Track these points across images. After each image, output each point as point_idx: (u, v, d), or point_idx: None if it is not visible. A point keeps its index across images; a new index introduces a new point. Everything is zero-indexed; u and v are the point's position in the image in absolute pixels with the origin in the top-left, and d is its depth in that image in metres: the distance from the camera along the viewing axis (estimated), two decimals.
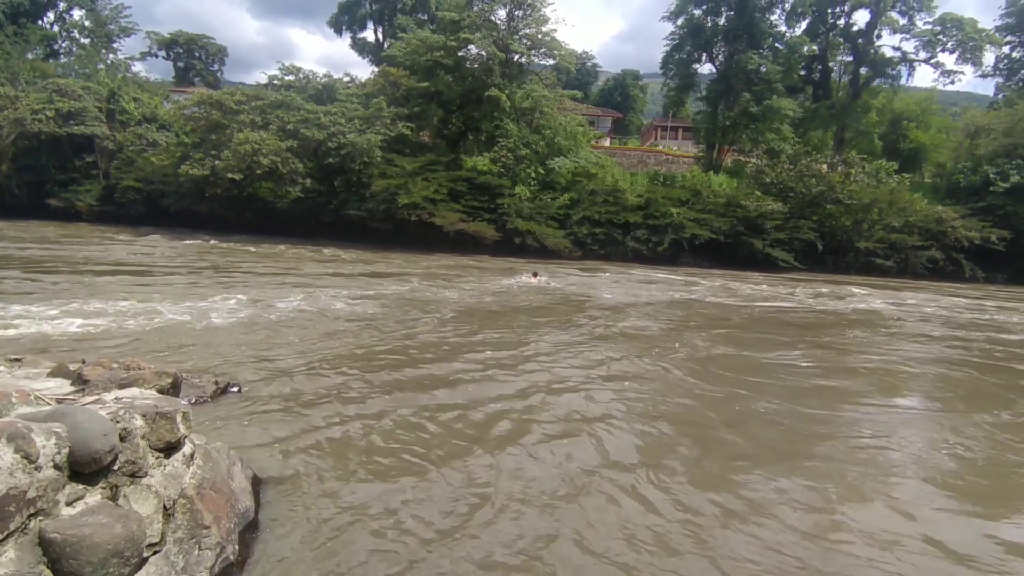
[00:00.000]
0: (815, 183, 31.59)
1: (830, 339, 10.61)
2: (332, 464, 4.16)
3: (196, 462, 3.24)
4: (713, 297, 16.20)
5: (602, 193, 31.02)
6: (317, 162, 29.39)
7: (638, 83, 77.72)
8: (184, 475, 3.09)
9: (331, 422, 4.91)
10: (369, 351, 7.31)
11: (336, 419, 4.99)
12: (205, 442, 3.52)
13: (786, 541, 3.50)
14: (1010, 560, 3.41)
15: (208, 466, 3.35)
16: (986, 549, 3.52)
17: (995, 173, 32.29)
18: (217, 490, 3.30)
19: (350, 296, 11.57)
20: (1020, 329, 13.36)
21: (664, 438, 5.15)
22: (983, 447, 5.09)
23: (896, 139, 47.67)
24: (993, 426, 5.84)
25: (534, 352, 7.98)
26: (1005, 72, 45.39)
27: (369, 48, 51.62)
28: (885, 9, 38.85)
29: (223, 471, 3.49)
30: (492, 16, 31.76)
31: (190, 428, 3.15)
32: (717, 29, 39.89)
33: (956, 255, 30.98)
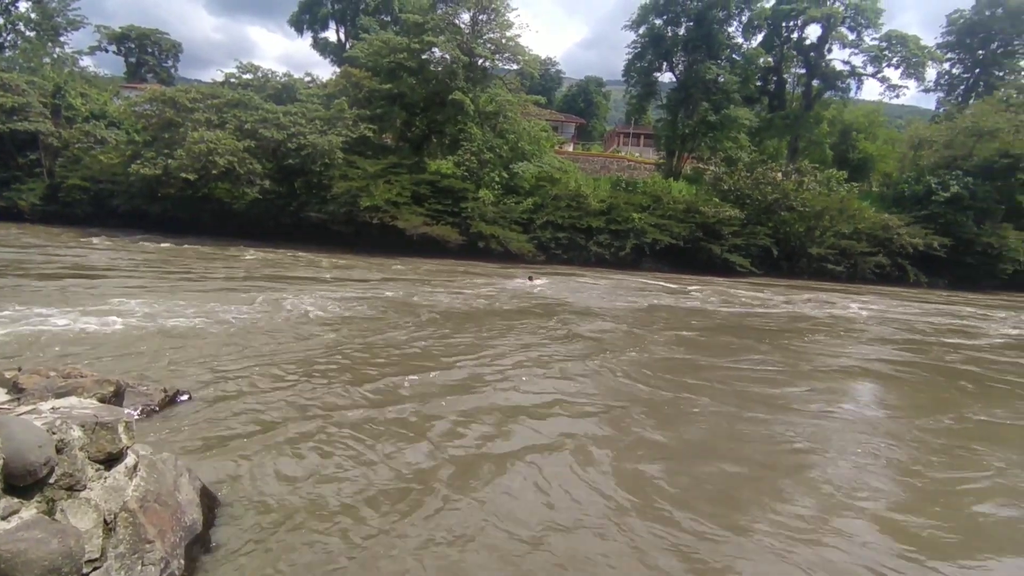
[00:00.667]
0: (770, 191, 32.61)
1: (790, 342, 10.94)
2: (285, 474, 4.05)
3: (140, 474, 3.11)
4: (704, 304, 16.52)
5: (565, 198, 31.29)
6: (276, 163, 28.74)
7: (601, 90, 78.86)
8: (126, 488, 2.97)
9: (284, 431, 4.79)
10: (324, 357, 7.16)
11: (289, 428, 4.87)
12: (151, 453, 3.39)
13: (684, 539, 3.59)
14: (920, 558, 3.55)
15: (153, 478, 3.23)
16: (894, 548, 3.66)
17: (937, 183, 33.95)
18: (162, 503, 3.18)
19: (307, 301, 11.34)
20: (976, 333, 14.04)
21: (597, 437, 5.20)
22: (916, 454, 5.26)
23: (846, 149, 49.73)
24: (930, 432, 6.08)
25: (493, 357, 7.97)
26: (946, 87, 47.92)
27: (331, 48, 50.82)
28: (835, 25, 40.47)
29: (169, 483, 3.36)
30: (456, 20, 31.73)
31: (133, 438, 3.03)
32: (677, 39, 40.84)
33: (901, 261, 32.46)
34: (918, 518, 4.01)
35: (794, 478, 4.60)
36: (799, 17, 40.79)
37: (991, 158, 33.40)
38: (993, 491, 4.55)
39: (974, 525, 3.99)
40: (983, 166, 33.67)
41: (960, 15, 45.56)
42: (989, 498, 4.41)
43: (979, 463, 5.10)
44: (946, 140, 35.89)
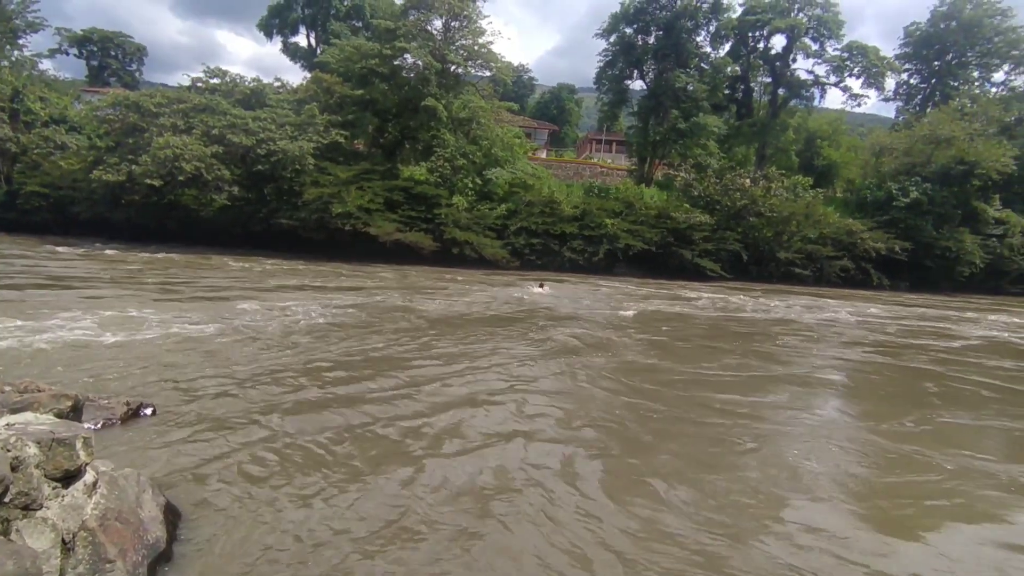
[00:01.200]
0: (739, 197, 33.29)
1: (762, 345, 11.15)
2: (252, 489, 3.96)
3: (100, 491, 3.01)
4: (714, 309, 16.69)
5: (539, 204, 31.45)
6: (245, 169, 28.27)
7: (573, 97, 79.63)
8: (85, 506, 2.87)
9: (252, 444, 4.68)
10: (294, 368, 7.04)
11: (257, 441, 4.76)
12: (112, 469, 3.29)
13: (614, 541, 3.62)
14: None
15: (114, 495, 3.13)
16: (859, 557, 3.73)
17: (897, 189, 35.09)
18: (123, 520, 3.08)
19: (277, 310, 11.14)
20: (956, 335, 14.48)
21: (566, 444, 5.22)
22: (882, 459, 5.35)
23: (811, 156, 51.16)
24: (895, 436, 6.24)
25: (465, 367, 7.94)
26: (904, 96, 49.58)
27: (301, 53, 50.29)
28: (799, 35, 41.63)
29: (131, 499, 3.26)
30: (428, 26, 31.72)
31: (92, 455, 2.93)
32: (647, 48, 41.50)
33: (865, 264, 33.44)
34: (861, 519, 4.10)
35: (741, 475, 4.67)
36: (764, 27, 41.86)
37: (948, 165, 34.65)
38: (945, 492, 4.69)
39: (917, 523, 4.11)
40: (941, 173, 34.92)
41: (917, 27, 47.28)
42: (936, 498, 4.54)
43: (934, 466, 5.25)
44: (905, 148, 37.15)
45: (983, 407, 7.42)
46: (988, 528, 3.97)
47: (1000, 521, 4.12)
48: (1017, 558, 3.59)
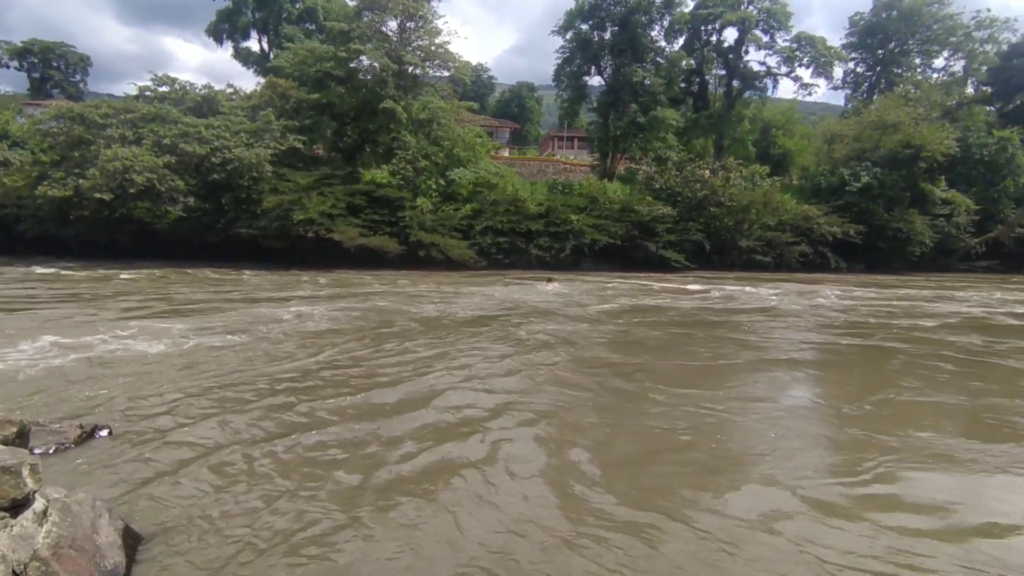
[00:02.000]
0: (699, 188, 33.89)
1: (730, 331, 11.34)
2: (212, 508, 3.83)
3: (51, 519, 2.87)
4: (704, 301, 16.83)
5: (504, 203, 31.43)
6: (200, 179, 27.47)
7: (534, 95, 79.82)
8: (36, 535, 2.73)
9: (211, 462, 4.53)
10: (254, 382, 6.83)
11: (217, 458, 4.61)
12: (65, 495, 3.14)
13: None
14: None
15: (67, 522, 3.00)
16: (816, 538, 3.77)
17: (849, 174, 36.23)
18: (78, 548, 2.94)
19: (237, 324, 10.84)
20: (903, 313, 14.97)
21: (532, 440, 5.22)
22: (837, 441, 5.44)
23: (767, 145, 52.47)
24: (853, 418, 6.40)
25: (436, 368, 7.87)
26: (852, 85, 51.24)
27: (253, 58, 49.12)
28: (750, 28, 42.58)
29: (86, 526, 3.12)
30: (383, 27, 31.38)
31: (40, 482, 2.79)
32: (604, 44, 41.88)
33: (823, 249, 34.48)
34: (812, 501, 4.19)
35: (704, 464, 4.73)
36: (716, 21, 42.67)
37: (896, 149, 35.92)
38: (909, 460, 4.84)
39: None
40: (889, 157, 36.18)
41: (860, 17, 48.89)
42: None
43: (890, 448, 5.41)
44: (855, 134, 38.37)
45: (946, 385, 7.67)
46: (945, 515, 4.03)
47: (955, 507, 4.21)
48: (962, 541, 3.66)
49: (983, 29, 46.54)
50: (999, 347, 10.13)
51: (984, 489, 4.28)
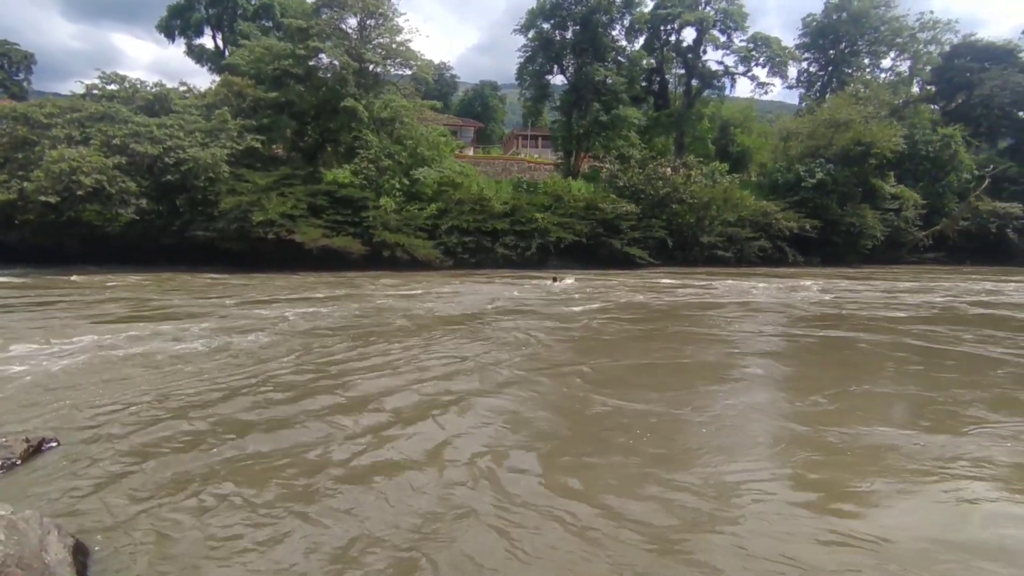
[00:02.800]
0: (662, 185, 34.46)
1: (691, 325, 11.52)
2: (167, 521, 3.68)
3: None
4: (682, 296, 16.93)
5: (469, 202, 31.32)
6: (153, 180, 26.52)
7: (497, 93, 79.78)
8: None
9: (165, 474, 4.36)
10: (211, 392, 6.59)
11: (172, 471, 4.44)
12: (11, 512, 3.00)
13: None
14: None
15: (13, 540, 2.86)
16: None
17: (804, 171, 37.39)
18: (25, 567, 2.81)
19: (194, 330, 10.50)
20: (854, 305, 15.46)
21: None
22: (792, 437, 5.57)
23: (726, 143, 53.73)
24: (810, 414, 6.56)
25: (397, 366, 7.77)
26: (805, 84, 52.89)
27: (208, 55, 47.65)
28: (708, 28, 43.48)
29: (34, 544, 2.98)
30: (342, 24, 30.87)
31: None
32: (565, 43, 42.15)
33: (781, 243, 35.53)
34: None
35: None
36: (675, 21, 43.44)
37: (847, 146, 37.22)
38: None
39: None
40: (841, 154, 37.45)
41: (813, 18, 50.49)
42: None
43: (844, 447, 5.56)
44: (809, 131, 39.62)
45: (904, 376, 7.93)
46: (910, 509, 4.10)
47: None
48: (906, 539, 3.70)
49: (927, 31, 48.70)
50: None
51: (920, 491, 4.27)
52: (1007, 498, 4.01)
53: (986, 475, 4.38)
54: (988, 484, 4.23)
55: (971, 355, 8.87)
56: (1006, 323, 12.29)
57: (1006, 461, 4.63)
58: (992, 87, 43.63)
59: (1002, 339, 10.07)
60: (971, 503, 3.95)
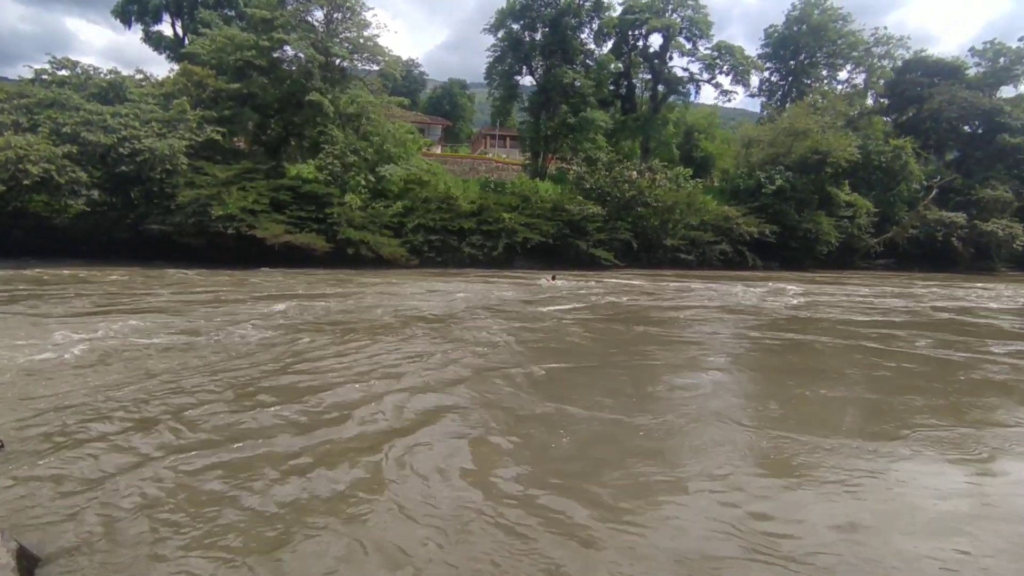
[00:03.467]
0: (628, 188, 34.93)
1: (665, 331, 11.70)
2: (117, 525, 3.55)
3: None
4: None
5: (436, 200, 31.12)
6: (106, 170, 25.50)
7: (465, 92, 79.46)
8: None
9: (116, 477, 4.19)
10: (164, 392, 6.36)
11: (119, 471, 4.27)
12: None
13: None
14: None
15: None
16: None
17: (765, 178, 38.42)
18: None
19: (144, 327, 10.13)
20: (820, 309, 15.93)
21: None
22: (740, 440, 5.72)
23: (690, 149, 54.81)
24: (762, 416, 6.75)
25: (359, 371, 7.67)
26: (767, 92, 54.43)
27: (166, 43, 45.99)
28: (674, 35, 44.25)
29: None
30: (308, 17, 30.28)
31: None
32: (534, 44, 42.31)
33: (741, 248, 36.43)
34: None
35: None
36: (643, 26, 44.08)
37: (805, 155, 38.41)
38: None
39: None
40: (800, 162, 38.63)
41: (774, 29, 51.98)
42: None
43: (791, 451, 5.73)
44: (770, 139, 40.74)
45: (860, 381, 8.21)
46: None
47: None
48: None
49: (881, 45, 50.74)
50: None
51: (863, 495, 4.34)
52: (932, 507, 4.09)
53: (915, 481, 4.50)
54: (916, 490, 4.35)
55: (931, 359, 9.25)
56: (966, 328, 12.86)
57: (932, 470, 4.74)
58: (940, 102, 45.62)
59: (957, 343, 10.53)
60: (900, 507, 4.07)
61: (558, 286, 20.12)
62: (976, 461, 4.89)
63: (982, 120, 46.62)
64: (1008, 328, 13.25)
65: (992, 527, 3.74)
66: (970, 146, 48.03)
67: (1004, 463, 4.88)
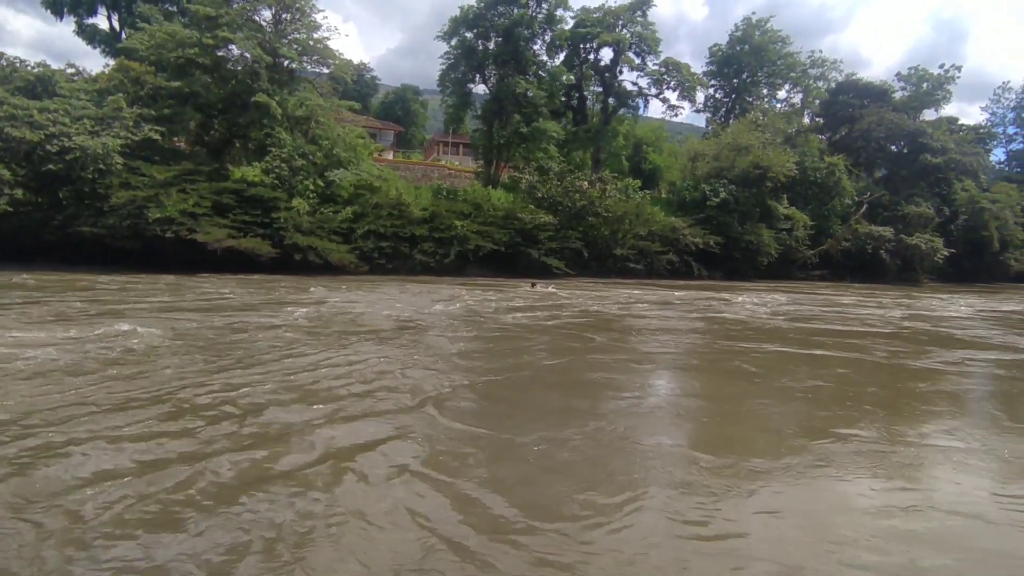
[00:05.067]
0: (579, 198, 35.44)
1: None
2: (51, 551, 3.30)
3: None
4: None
5: (387, 206, 30.68)
6: (31, 169, 23.95)
7: (418, 98, 78.93)
8: None
9: (51, 502, 3.91)
10: (81, 411, 5.97)
11: (59, 495, 3.99)
12: None
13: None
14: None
15: None
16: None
17: (710, 190, 39.74)
18: None
19: (67, 336, 9.51)
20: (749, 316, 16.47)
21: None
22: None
23: (639, 161, 56.19)
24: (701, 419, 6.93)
25: (295, 383, 7.44)
26: (712, 108, 56.38)
27: (101, 37, 43.61)
28: (624, 50, 45.37)
29: None
30: (255, 16, 29.44)
31: None
32: (488, 53, 42.50)
33: (687, 258, 37.49)
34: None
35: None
36: (594, 40, 45.00)
37: (747, 169, 39.97)
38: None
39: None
40: (742, 176, 40.16)
41: (719, 48, 54.00)
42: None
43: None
44: (714, 154, 42.20)
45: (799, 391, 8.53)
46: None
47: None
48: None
49: (817, 67, 53.56)
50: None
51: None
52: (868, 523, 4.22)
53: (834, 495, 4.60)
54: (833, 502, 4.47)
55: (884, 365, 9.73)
56: (913, 337, 13.60)
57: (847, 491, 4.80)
58: (870, 122, 48.44)
59: (906, 352, 11.12)
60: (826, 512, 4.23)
61: (553, 293, 20.38)
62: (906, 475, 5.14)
63: (907, 140, 49.80)
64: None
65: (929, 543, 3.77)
66: (896, 164, 51.22)
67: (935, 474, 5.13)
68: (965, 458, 5.31)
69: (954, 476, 4.92)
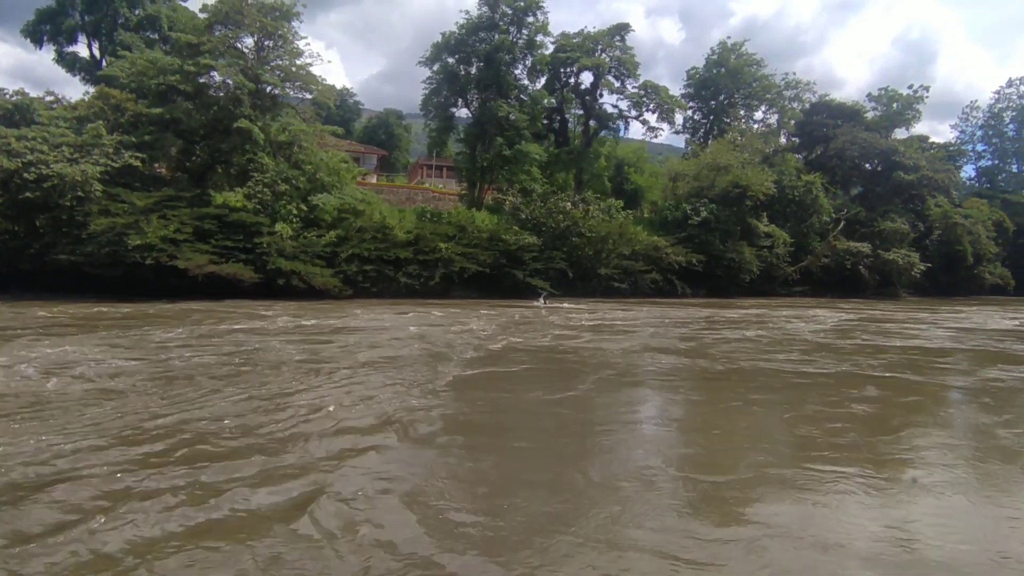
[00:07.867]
0: (562, 219, 35.77)
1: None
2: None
3: None
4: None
5: (371, 230, 30.66)
6: (8, 197, 23.68)
7: (402, 122, 79.52)
8: None
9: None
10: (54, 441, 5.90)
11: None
12: None
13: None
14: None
15: None
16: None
17: (691, 209, 40.32)
18: None
19: (48, 369, 9.35)
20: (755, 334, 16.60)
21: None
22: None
23: (621, 181, 56.86)
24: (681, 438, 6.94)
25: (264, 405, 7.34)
26: (691, 130, 57.46)
27: (82, 65, 43.64)
28: (604, 73, 46.17)
29: None
30: (237, 43, 29.59)
31: None
32: (470, 77, 42.99)
33: (670, 276, 37.83)
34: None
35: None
36: (574, 64, 45.76)
37: (727, 188, 40.64)
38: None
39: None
40: (722, 195, 40.82)
41: (696, 71, 55.27)
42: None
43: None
44: (695, 173, 42.90)
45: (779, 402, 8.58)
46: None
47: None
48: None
49: (791, 89, 55.08)
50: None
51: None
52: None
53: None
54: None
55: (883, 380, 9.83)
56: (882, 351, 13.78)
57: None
58: (844, 142, 49.63)
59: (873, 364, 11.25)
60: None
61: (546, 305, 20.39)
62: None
63: (880, 159, 51.03)
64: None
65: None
66: (871, 182, 52.37)
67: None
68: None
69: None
